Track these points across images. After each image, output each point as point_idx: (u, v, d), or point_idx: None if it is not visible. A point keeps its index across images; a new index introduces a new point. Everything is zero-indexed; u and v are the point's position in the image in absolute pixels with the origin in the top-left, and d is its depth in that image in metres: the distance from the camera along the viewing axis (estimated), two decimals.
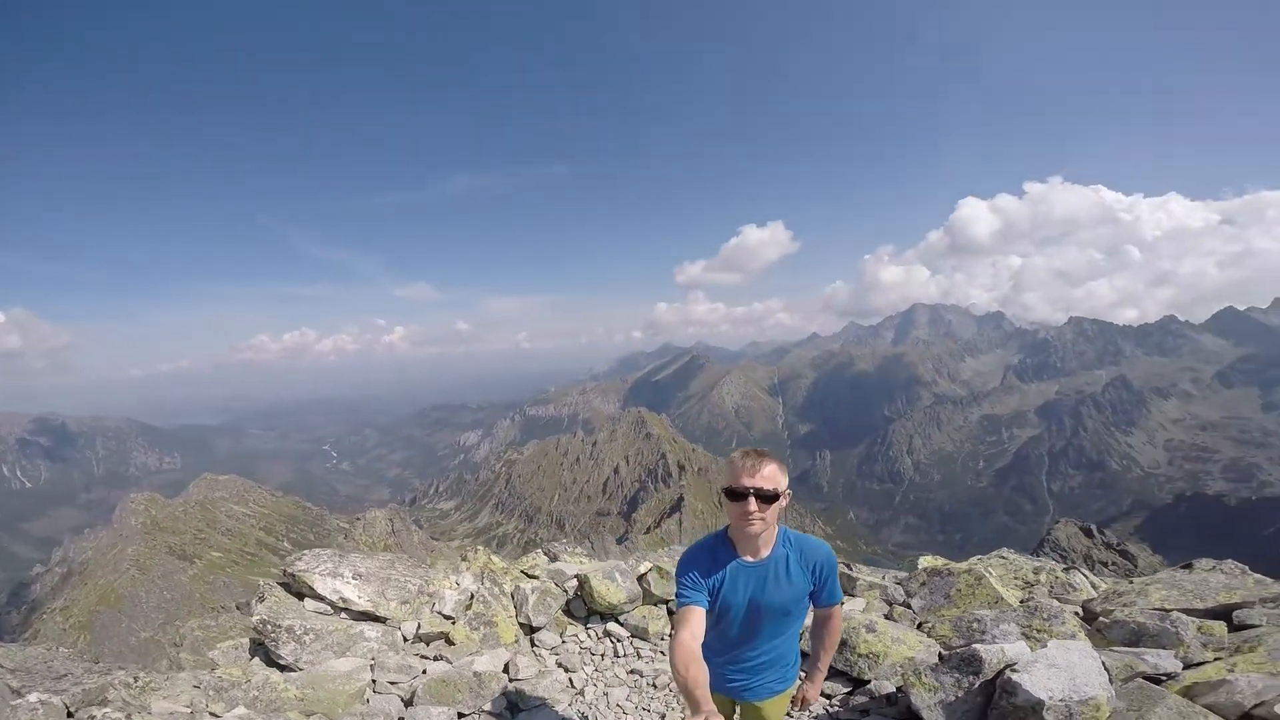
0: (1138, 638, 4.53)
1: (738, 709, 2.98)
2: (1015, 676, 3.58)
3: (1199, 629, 4.54)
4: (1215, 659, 4.09)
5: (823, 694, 4.51)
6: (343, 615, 5.91)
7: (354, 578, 6.29)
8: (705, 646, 2.42)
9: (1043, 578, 7.25)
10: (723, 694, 2.80)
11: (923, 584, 6.63)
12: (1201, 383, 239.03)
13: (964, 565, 6.85)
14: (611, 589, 5.77)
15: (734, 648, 2.69)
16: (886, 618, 5.94)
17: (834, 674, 4.66)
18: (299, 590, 6.17)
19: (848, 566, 7.33)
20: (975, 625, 4.95)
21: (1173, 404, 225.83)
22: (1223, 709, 3.37)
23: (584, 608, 5.98)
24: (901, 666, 4.59)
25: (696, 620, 2.38)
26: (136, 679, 4.80)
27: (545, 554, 8.62)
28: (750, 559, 2.53)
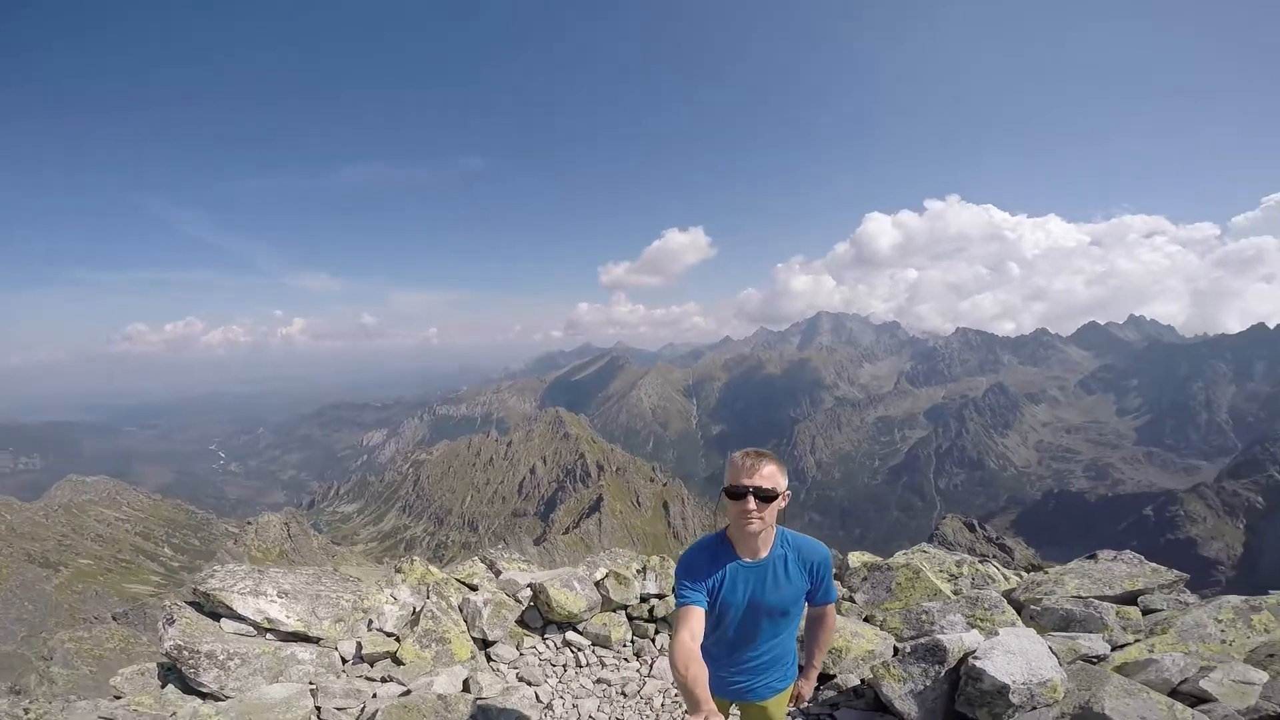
0: (1067, 623, 4.93)
1: (735, 711, 2.96)
2: (979, 664, 3.78)
3: (1117, 614, 5.00)
4: (1135, 640, 4.52)
5: None
6: (269, 636, 5.39)
7: (279, 596, 5.76)
8: (706, 651, 2.40)
9: (965, 570, 7.73)
10: (725, 697, 2.79)
11: (864, 579, 6.92)
12: (1067, 389, 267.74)
13: (900, 560, 7.21)
14: (571, 598, 5.60)
15: (735, 649, 2.68)
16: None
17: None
18: (213, 610, 5.57)
19: None
20: (924, 617, 5.21)
21: (1042, 409, 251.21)
22: (1154, 685, 3.72)
23: (539, 618, 5.78)
24: (863, 659, 4.76)
25: (696, 620, 2.35)
26: (27, 710, 4.15)
27: (483, 561, 8.29)
28: (749, 559, 2.53)
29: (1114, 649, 4.42)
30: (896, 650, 4.87)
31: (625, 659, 5.27)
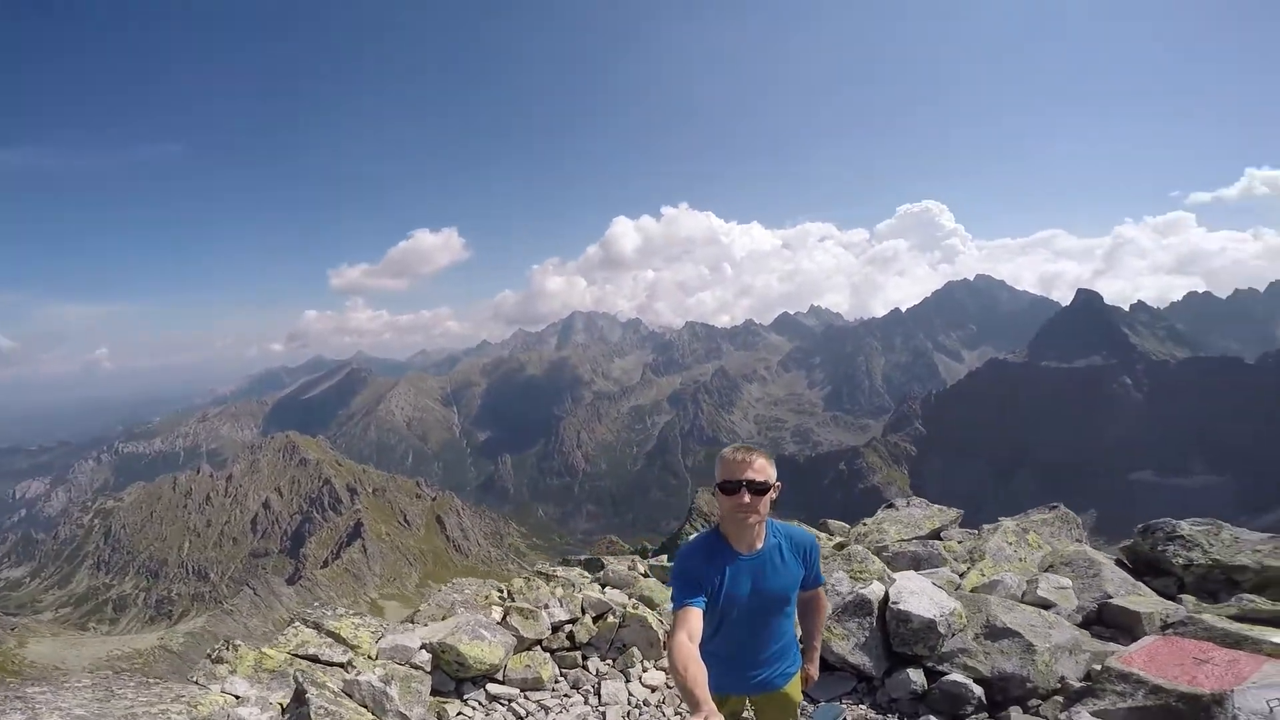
0: (918, 563, 6.06)
1: (750, 706, 3.05)
2: (902, 607, 4.48)
3: (945, 549, 6.31)
4: (968, 568, 5.77)
5: None
6: None
7: None
8: (714, 653, 2.46)
9: None
10: (746, 693, 2.88)
11: None
12: (771, 369, 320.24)
13: None
14: (487, 648, 5.07)
15: (750, 644, 2.76)
16: None
17: None
18: None
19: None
20: None
21: (755, 387, 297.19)
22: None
23: (448, 679, 5.12)
24: None
25: (694, 621, 2.39)
26: None
27: (307, 624, 7.03)
28: (747, 552, 2.64)
29: (961, 577, 5.60)
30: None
31: (565, 695, 4.99)
